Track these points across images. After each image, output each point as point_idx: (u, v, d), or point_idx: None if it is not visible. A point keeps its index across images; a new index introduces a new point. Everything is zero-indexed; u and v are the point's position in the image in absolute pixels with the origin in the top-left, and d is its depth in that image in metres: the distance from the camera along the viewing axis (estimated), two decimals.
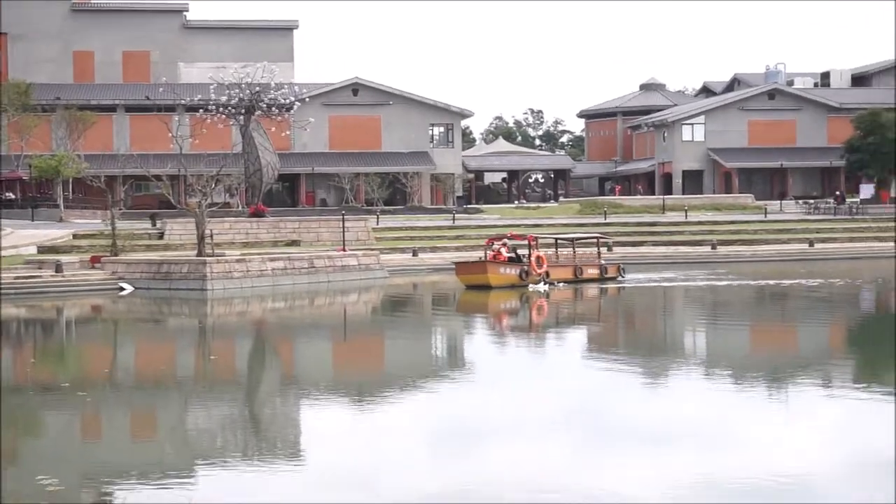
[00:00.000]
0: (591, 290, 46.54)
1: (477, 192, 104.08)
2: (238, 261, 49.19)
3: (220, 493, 13.95)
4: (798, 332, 32.95)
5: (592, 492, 13.87)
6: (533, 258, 47.90)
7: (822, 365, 25.01)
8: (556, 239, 53.97)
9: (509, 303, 42.02)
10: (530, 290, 45.43)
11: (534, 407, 19.89)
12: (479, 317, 38.77)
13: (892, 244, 69.25)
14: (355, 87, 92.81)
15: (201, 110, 65.28)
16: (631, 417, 18.87)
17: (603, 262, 52.19)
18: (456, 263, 49.95)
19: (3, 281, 46.22)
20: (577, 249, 52.60)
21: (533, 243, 49.06)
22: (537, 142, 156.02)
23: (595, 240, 54.89)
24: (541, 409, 19.74)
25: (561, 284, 47.69)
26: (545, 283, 46.93)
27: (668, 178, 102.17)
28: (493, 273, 46.78)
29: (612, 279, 50.09)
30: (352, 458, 16.22)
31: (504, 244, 49.14)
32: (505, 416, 19.16)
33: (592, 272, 50.41)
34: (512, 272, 47.28)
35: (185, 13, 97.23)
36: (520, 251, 49.84)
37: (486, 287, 45.78)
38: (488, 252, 49.49)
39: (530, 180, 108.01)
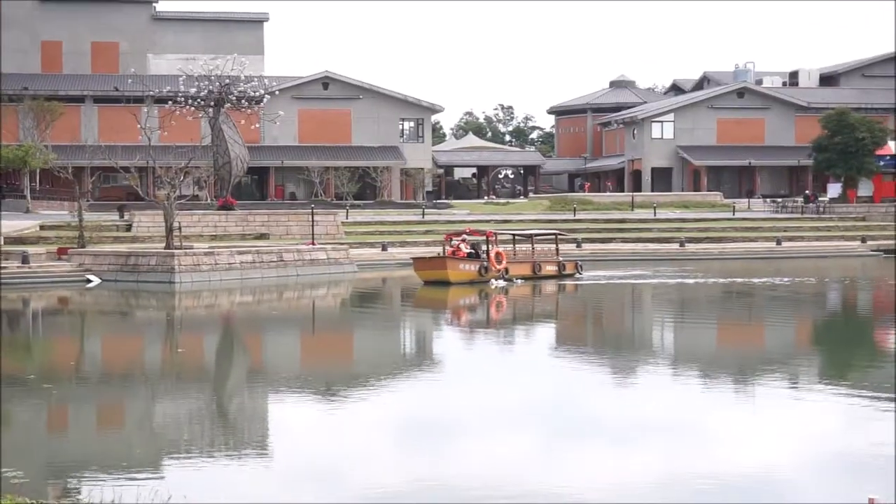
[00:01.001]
0: (550, 286, 46.61)
1: (447, 187, 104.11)
2: (206, 254, 49.03)
3: (186, 487, 13.93)
4: (765, 329, 33.15)
5: (558, 488, 13.94)
6: (492, 254, 47.80)
7: (789, 363, 25.19)
8: (514, 235, 53.76)
9: (469, 299, 42.06)
10: (492, 286, 45.46)
11: (499, 403, 19.95)
12: (441, 312, 38.79)
13: (858, 243, 69.74)
14: (325, 81, 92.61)
15: (170, 102, 64.99)
16: (596, 414, 18.96)
17: (560, 258, 52.22)
18: (414, 259, 49.79)
19: None
20: (535, 246, 52.65)
21: (492, 239, 48.99)
22: (507, 138, 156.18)
23: (553, 236, 54.89)
24: (506, 404, 19.81)
25: (519, 281, 47.73)
26: (504, 280, 46.99)
27: (637, 175, 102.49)
28: (452, 269, 46.64)
29: (570, 276, 50.12)
30: (319, 452, 16.22)
31: (463, 240, 49.06)
32: (471, 411, 19.21)
33: (551, 269, 50.36)
34: (471, 268, 47.21)
35: (154, 4, 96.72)
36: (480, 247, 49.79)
37: (445, 283, 45.74)
38: (447, 248, 49.37)
39: (500, 176, 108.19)
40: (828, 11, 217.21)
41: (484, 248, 49.09)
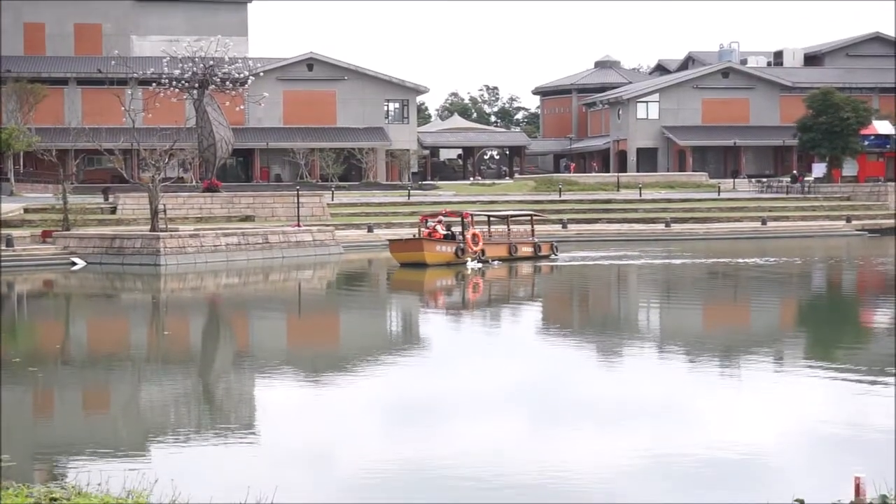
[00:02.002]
0: (526, 268, 46.55)
1: (432, 168, 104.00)
2: (192, 236, 48.95)
3: (173, 470, 13.92)
4: (750, 310, 33.25)
5: (547, 470, 13.96)
6: (468, 235, 47.56)
7: (774, 343, 25.26)
8: (489, 216, 53.46)
9: (446, 281, 42.02)
10: (468, 267, 45.33)
11: (486, 385, 19.97)
12: (419, 295, 38.77)
13: (843, 223, 69.92)
14: (310, 62, 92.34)
15: (154, 84, 64.71)
16: (583, 395, 19.00)
17: (536, 239, 52.05)
18: (390, 241, 49.56)
19: None
20: (511, 227, 52.45)
21: (468, 220, 48.83)
22: (493, 118, 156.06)
23: (529, 217, 54.77)
24: (493, 386, 19.83)
25: (496, 262, 47.62)
26: (480, 261, 46.83)
27: (622, 155, 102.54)
28: (429, 251, 46.41)
29: (546, 257, 50.11)
30: (307, 434, 16.22)
31: (439, 221, 48.85)
32: (458, 393, 19.23)
33: (526, 250, 50.26)
34: (448, 250, 47.02)
35: None
36: (454, 228, 49.66)
37: (422, 265, 45.61)
38: (423, 230, 49.20)
39: (486, 157, 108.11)
40: None
41: (459, 229, 48.96)
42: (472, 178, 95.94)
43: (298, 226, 55.42)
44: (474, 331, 28.47)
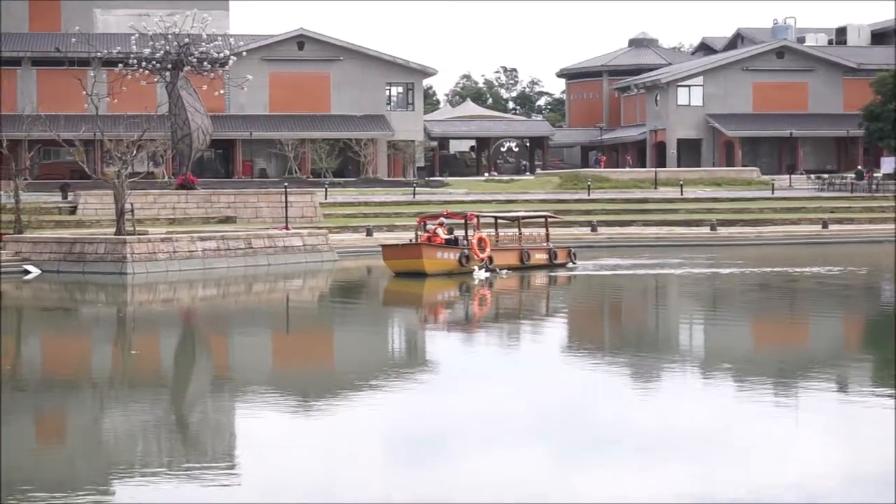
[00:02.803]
0: (540, 278, 46.31)
1: (441, 162, 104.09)
2: (163, 240, 48.99)
3: None
4: (809, 327, 33.15)
5: None
6: (474, 240, 47.03)
7: (837, 366, 25.17)
8: (496, 218, 52.94)
9: (451, 292, 41.90)
10: (475, 277, 45.09)
11: (503, 411, 19.91)
12: (418, 311, 38.72)
13: None
14: (301, 40, 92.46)
15: (121, 65, 64.83)
16: (618, 423, 18.92)
17: (551, 245, 51.53)
18: (384, 246, 48.83)
19: None
20: (522, 230, 51.76)
21: (473, 222, 48.47)
22: (511, 105, 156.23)
23: (543, 219, 54.06)
24: (511, 413, 19.76)
25: (505, 272, 47.33)
26: (487, 270, 46.46)
27: (660, 147, 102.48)
28: (428, 258, 45.83)
29: (562, 265, 49.82)
30: (294, 469, 16.18)
31: (441, 223, 48.09)
32: (472, 420, 19.17)
33: (540, 257, 49.85)
34: (450, 257, 46.50)
35: None
36: (457, 232, 49.24)
37: (420, 274, 45.17)
38: (421, 233, 48.47)
39: (503, 149, 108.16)
40: None
41: (462, 233, 48.59)
42: (486, 174, 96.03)
43: (286, 228, 55.46)
44: (486, 351, 28.42)
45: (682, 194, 78.96)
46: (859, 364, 26.04)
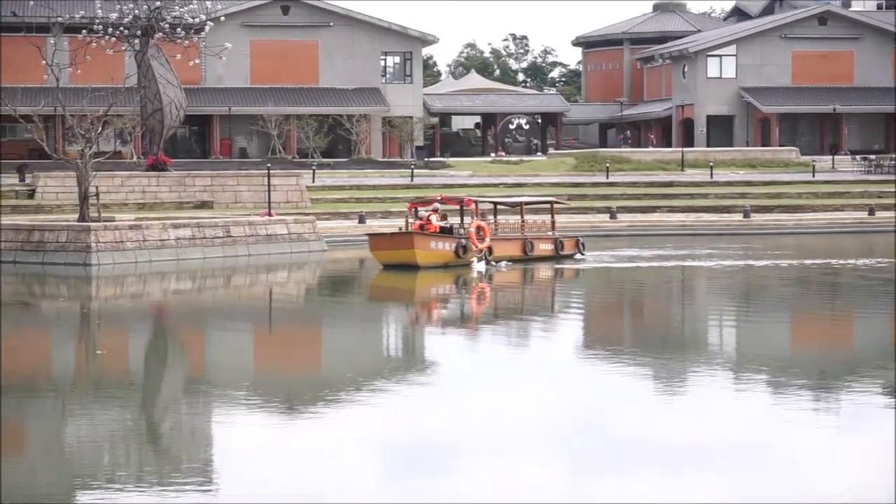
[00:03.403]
0: (545, 271, 46.23)
1: (442, 141, 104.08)
2: (132, 227, 49.02)
3: None
4: (853, 325, 33.19)
5: None
6: (472, 229, 46.86)
7: (884, 368, 25.19)
8: (496, 203, 52.85)
9: (447, 287, 41.90)
10: (474, 270, 45.05)
11: (511, 419, 19.96)
12: (409, 306, 38.78)
13: None
14: (286, 4, 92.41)
15: (84, 31, 64.79)
16: (640, 432, 18.97)
17: (558, 234, 51.42)
18: (370, 235, 48.63)
19: None
20: (525, 217, 51.69)
21: (470, 208, 48.31)
22: (521, 77, 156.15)
23: (549, 204, 53.83)
24: (523, 419, 19.82)
25: (506, 263, 47.24)
26: (487, 262, 46.36)
27: (688, 125, 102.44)
28: (420, 248, 45.48)
29: (570, 257, 49.73)
30: (276, 481, 16.23)
31: (435, 210, 47.80)
32: (477, 430, 19.21)
33: (545, 248, 49.74)
34: (446, 247, 46.29)
35: None
36: (453, 219, 49.07)
37: (412, 266, 45.00)
38: (412, 221, 48.17)
39: (511, 126, 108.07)
40: None
41: (458, 220, 48.47)
42: (493, 154, 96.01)
43: (269, 215, 55.47)
44: (486, 355, 28.43)
45: (711, 177, 78.91)
46: None
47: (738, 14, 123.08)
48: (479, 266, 45.68)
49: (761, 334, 31.15)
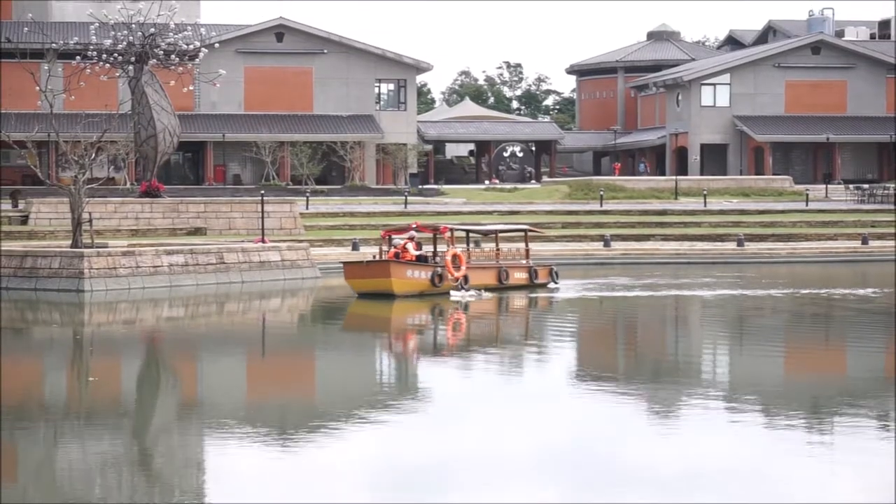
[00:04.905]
0: (520, 299, 46.09)
1: (436, 168, 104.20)
2: (125, 254, 48.99)
3: None
4: (847, 355, 33.19)
5: None
6: (448, 257, 46.64)
7: (878, 398, 25.19)
8: (468, 231, 52.68)
9: (423, 316, 41.80)
10: (453, 299, 45.00)
11: (505, 448, 19.95)
12: (386, 339, 38.72)
13: None
14: (280, 31, 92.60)
15: (79, 57, 64.85)
16: (633, 461, 18.97)
17: (532, 263, 51.14)
18: (345, 264, 48.42)
19: None
20: (500, 245, 51.33)
21: (446, 236, 48.16)
22: (515, 105, 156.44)
23: (523, 233, 53.48)
24: (514, 450, 19.80)
25: (485, 293, 47.15)
26: (472, 291, 46.14)
27: (682, 153, 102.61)
28: (397, 277, 45.27)
29: (543, 285, 49.62)
30: None
31: (411, 238, 47.49)
32: (470, 458, 19.20)
33: (520, 276, 49.46)
34: (422, 276, 46.10)
35: None
36: (427, 247, 48.95)
37: (388, 295, 44.81)
38: (386, 249, 47.86)
39: (505, 154, 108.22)
40: None
41: (431, 248, 48.33)
42: (487, 182, 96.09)
43: (263, 241, 55.46)
44: (481, 380, 28.45)
45: (705, 205, 78.98)
46: None
47: (732, 43, 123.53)
48: (460, 294, 45.62)
49: (753, 363, 31.12)
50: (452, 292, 45.69)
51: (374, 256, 49.24)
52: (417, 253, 47.16)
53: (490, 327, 40.14)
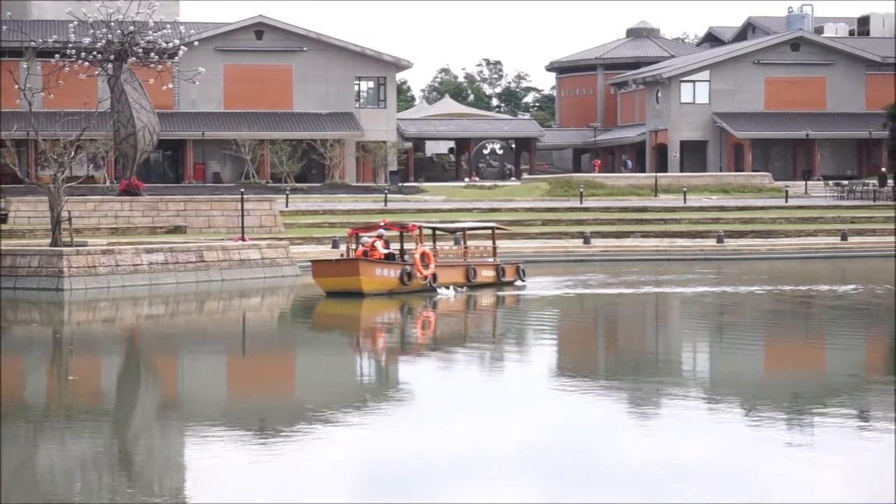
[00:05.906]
0: (488, 298, 46.11)
1: (416, 166, 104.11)
2: (104, 252, 48.90)
3: None
4: (826, 351, 33.27)
5: None
6: (417, 255, 46.50)
7: (858, 393, 25.25)
8: (434, 229, 52.36)
9: (390, 315, 41.81)
10: (440, 295, 45.07)
11: (489, 445, 19.95)
12: (357, 337, 38.73)
13: None
14: (259, 29, 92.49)
15: (57, 55, 64.69)
16: (615, 458, 18.98)
17: (499, 261, 51.09)
18: (314, 262, 48.00)
19: None
20: (467, 243, 51.47)
21: (415, 234, 48.06)
22: (494, 102, 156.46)
23: (490, 231, 53.20)
24: (498, 447, 19.81)
25: (463, 290, 47.11)
26: (433, 287, 46.24)
27: (662, 150, 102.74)
28: (366, 275, 44.90)
29: (510, 283, 49.64)
30: None
31: (380, 236, 47.30)
32: (452, 456, 19.20)
33: (487, 274, 49.41)
34: (391, 274, 45.83)
35: None
36: (394, 245, 48.93)
37: (356, 294, 44.53)
38: (353, 248, 47.45)
39: (485, 151, 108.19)
40: None
41: (397, 246, 48.25)
42: (467, 179, 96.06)
43: (243, 239, 55.41)
44: (462, 378, 28.44)
45: (685, 202, 79.08)
46: (884, 393, 26.13)
47: (712, 40, 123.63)
48: (447, 292, 45.73)
49: (732, 360, 31.18)
50: (440, 290, 45.90)
51: (342, 255, 49.06)
52: (386, 251, 47.03)
53: (460, 325, 40.10)
